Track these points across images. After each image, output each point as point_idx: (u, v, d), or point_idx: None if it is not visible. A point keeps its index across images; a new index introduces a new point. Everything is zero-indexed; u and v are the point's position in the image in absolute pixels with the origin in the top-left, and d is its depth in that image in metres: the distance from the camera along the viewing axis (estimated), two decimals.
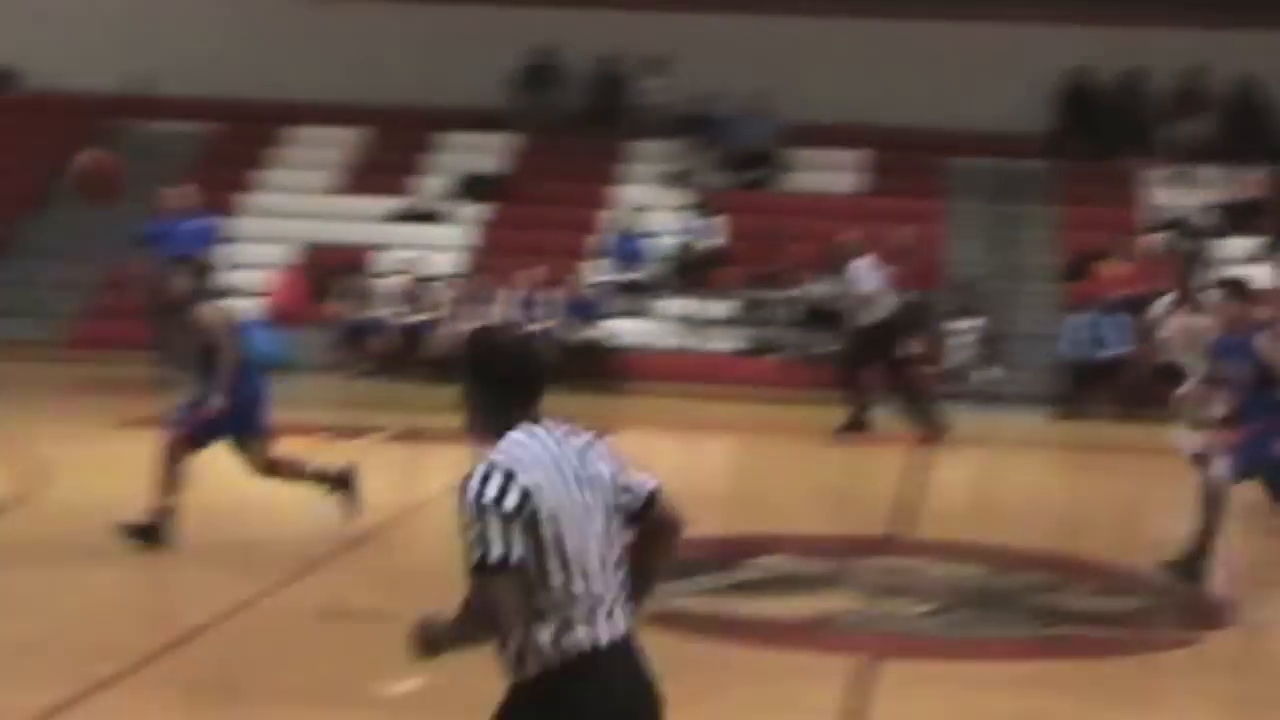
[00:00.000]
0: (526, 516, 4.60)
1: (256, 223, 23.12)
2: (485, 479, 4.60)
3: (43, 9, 25.47)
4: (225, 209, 22.28)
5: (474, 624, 4.67)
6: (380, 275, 22.03)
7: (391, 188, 23.87)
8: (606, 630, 4.73)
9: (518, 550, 4.59)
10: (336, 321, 21.49)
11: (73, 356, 21.10)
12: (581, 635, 4.71)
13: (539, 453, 4.69)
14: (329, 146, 24.77)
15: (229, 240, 21.19)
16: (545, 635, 4.67)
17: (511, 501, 4.59)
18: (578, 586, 4.69)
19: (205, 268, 12.47)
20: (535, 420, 4.77)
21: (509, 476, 4.61)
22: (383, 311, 21.51)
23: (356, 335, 21.47)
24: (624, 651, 4.76)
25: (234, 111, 24.77)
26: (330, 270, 21.96)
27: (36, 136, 24.55)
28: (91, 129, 24.13)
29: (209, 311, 11.80)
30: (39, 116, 25.11)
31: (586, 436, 4.84)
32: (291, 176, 24.24)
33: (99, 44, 25.16)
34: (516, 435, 4.72)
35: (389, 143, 24.60)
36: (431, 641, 4.76)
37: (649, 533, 4.93)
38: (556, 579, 4.66)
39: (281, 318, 21.45)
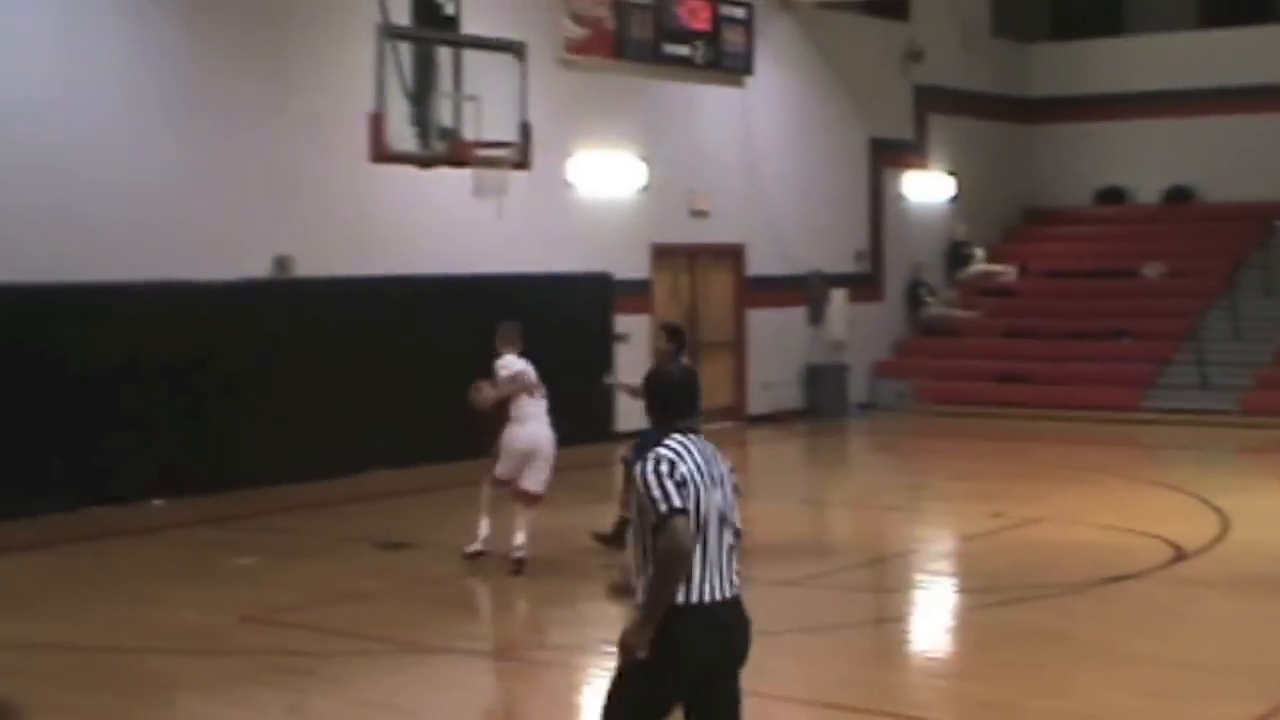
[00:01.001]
0: (688, 488, 5.45)
1: None
2: (659, 460, 5.50)
3: (1211, 140, 26.27)
4: None
5: (664, 563, 5.34)
6: None
7: None
8: (717, 590, 5.48)
9: (689, 503, 5.43)
10: None
11: (1246, 422, 21.26)
12: (696, 587, 5.44)
13: (688, 452, 5.56)
14: None
15: None
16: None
17: (679, 475, 5.46)
18: (703, 552, 5.47)
19: None
20: (689, 431, 5.64)
21: (674, 462, 5.50)
22: None
23: None
24: (729, 606, 5.51)
25: None
26: None
27: (1215, 240, 25.76)
28: (1258, 231, 24.51)
29: None
30: (1216, 223, 26.23)
31: (714, 448, 5.67)
32: None
33: (1255, 162, 25.91)
34: (673, 439, 5.60)
35: None
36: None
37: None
38: (696, 540, 5.49)
39: None
